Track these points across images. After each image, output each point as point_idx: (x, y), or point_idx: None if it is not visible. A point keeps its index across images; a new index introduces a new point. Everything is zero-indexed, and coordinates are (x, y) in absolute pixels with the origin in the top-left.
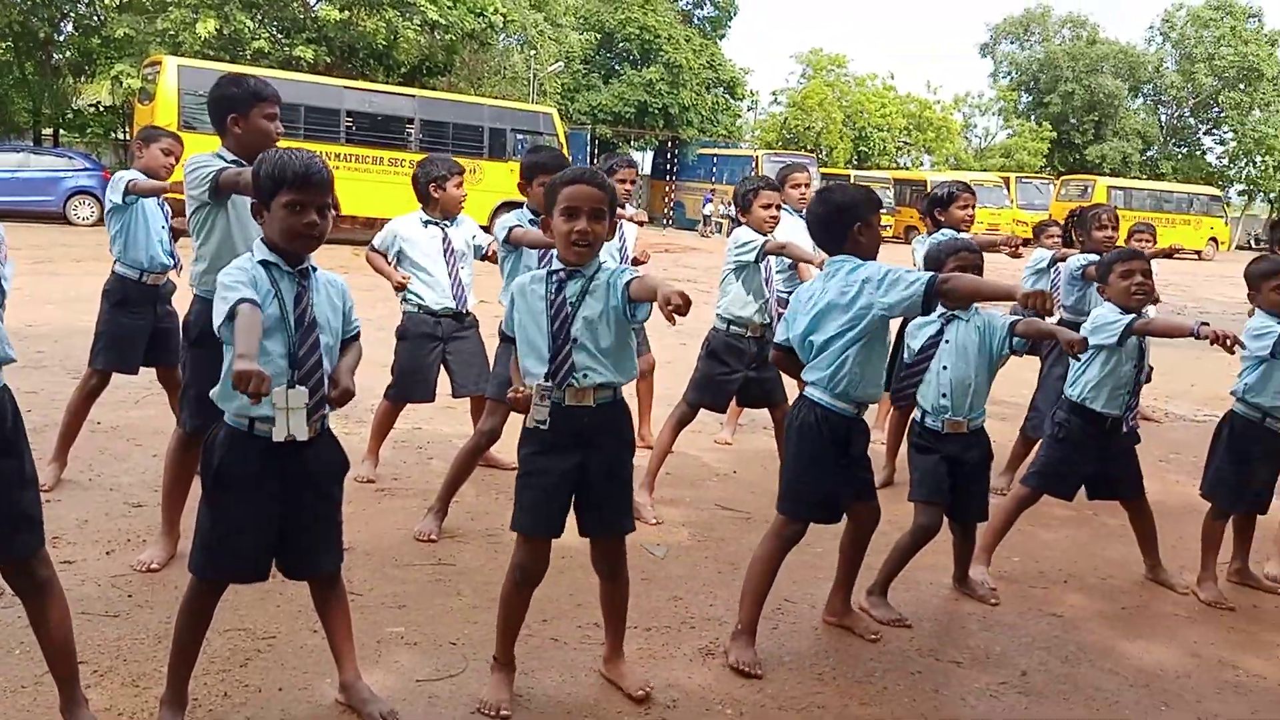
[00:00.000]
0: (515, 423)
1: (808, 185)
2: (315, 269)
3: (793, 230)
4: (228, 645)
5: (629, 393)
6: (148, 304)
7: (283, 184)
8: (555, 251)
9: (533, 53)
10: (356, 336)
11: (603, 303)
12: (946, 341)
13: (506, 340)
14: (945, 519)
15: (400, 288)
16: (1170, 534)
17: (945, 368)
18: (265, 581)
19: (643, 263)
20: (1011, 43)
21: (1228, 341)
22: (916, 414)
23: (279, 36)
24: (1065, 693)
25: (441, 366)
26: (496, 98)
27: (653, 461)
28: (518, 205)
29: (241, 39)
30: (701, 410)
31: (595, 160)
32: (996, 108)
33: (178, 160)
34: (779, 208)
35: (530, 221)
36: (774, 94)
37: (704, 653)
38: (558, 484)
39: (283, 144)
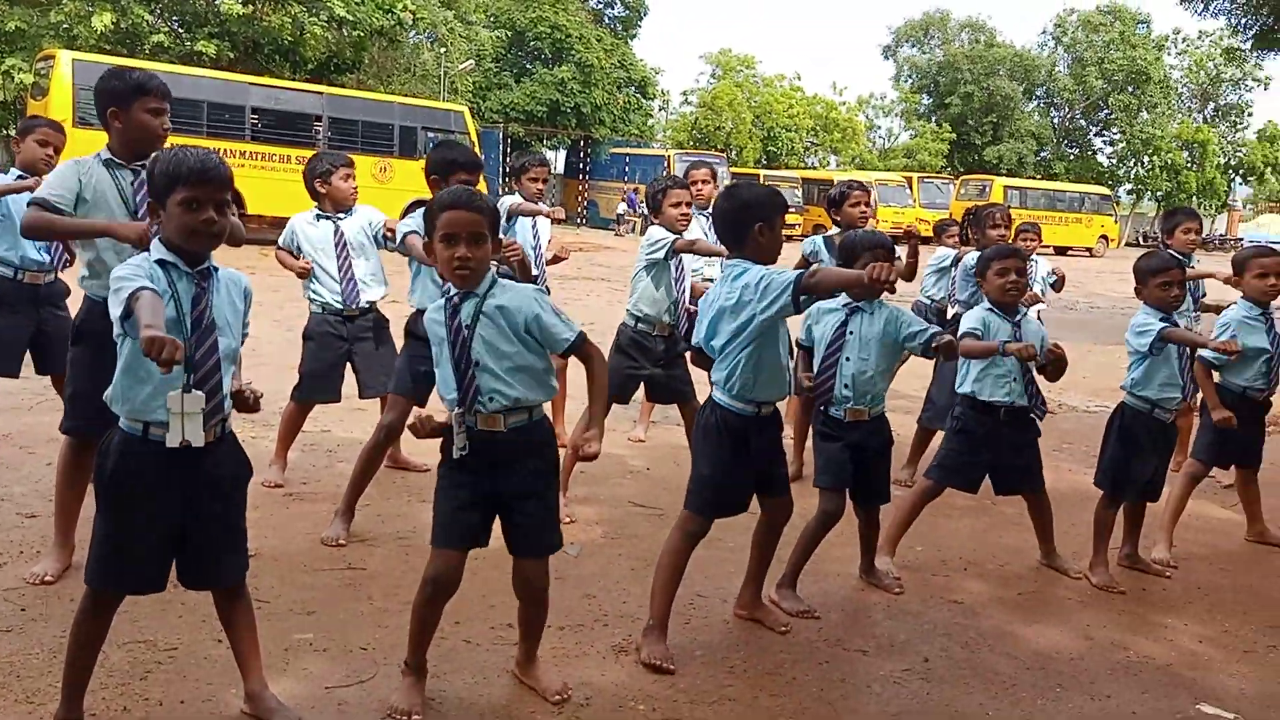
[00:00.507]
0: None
1: (705, 183)
2: (217, 269)
3: (696, 230)
4: (127, 658)
5: None
6: (25, 304)
7: (178, 181)
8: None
9: (443, 50)
10: (240, 344)
11: (504, 320)
12: (850, 333)
13: (414, 338)
14: (851, 504)
15: (304, 274)
16: (1063, 520)
17: (848, 359)
18: (163, 592)
19: (563, 259)
20: (912, 46)
21: (1027, 354)
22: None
23: (179, 31)
24: (965, 677)
25: (349, 367)
26: (407, 96)
27: (567, 461)
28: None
29: (139, 33)
30: (615, 407)
31: (508, 158)
32: (899, 109)
33: (58, 151)
34: (689, 205)
35: None
36: (684, 94)
37: (617, 650)
38: (471, 500)
39: (183, 141)
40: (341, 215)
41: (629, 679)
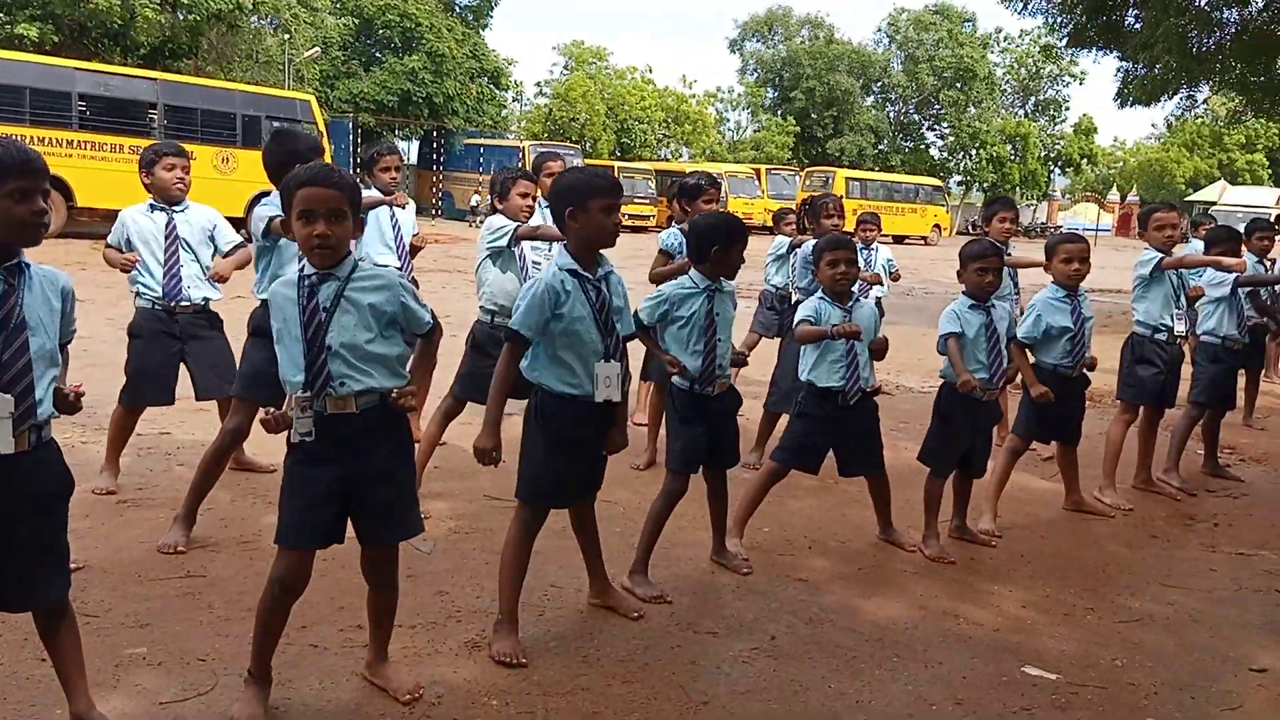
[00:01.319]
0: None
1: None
2: (29, 265)
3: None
4: None
5: None
6: None
7: (5, 174)
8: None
9: (287, 37)
10: (68, 342)
11: (370, 314)
12: (717, 314)
13: (259, 335)
14: (704, 477)
15: (128, 268)
16: (899, 496)
17: (721, 340)
18: None
19: (419, 248)
20: (757, 40)
21: (850, 332)
22: (681, 383)
23: None
24: (810, 652)
25: (183, 367)
26: (249, 83)
27: (420, 455)
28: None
29: None
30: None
31: (358, 149)
32: (745, 102)
33: None
34: (535, 198)
35: None
36: (538, 85)
37: (470, 646)
38: (323, 495)
39: (4, 130)
40: (177, 209)
41: (482, 675)
